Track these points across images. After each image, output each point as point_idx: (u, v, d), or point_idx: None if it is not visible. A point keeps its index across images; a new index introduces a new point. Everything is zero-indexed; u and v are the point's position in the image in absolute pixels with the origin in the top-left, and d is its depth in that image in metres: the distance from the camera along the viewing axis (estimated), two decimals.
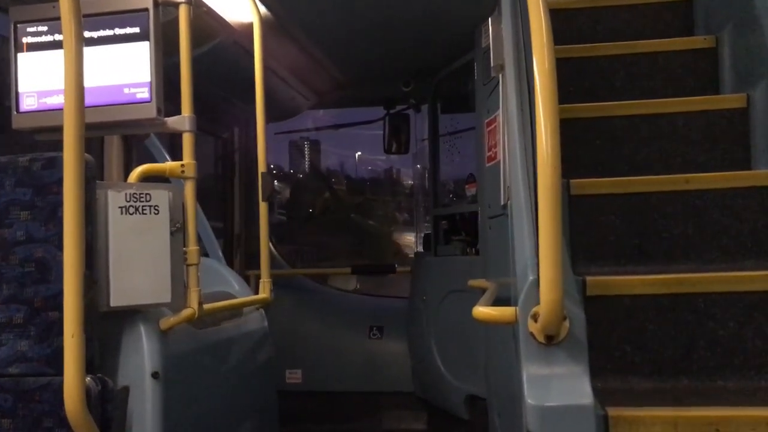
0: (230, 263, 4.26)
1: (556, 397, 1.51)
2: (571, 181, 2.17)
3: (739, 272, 1.94)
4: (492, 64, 2.52)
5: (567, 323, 1.56)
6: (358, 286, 5.34)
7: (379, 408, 4.42)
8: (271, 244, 4.84)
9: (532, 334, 1.57)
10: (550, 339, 1.55)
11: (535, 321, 1.55)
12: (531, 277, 1.61)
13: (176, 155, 2.35)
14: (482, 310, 1.80)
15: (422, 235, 4.95)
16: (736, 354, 1.86)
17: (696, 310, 1.89)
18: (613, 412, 1.61)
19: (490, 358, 2.87)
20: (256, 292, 3.01)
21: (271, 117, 3.99)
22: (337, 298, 5.00)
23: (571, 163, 2.19)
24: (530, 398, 1.51)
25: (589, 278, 1.91)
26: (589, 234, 2.16)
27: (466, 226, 3.81)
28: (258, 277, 3.01)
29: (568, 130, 2.36)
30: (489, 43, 2.67)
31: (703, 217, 2.12)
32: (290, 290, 4.71)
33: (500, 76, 2.42)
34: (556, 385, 1.53)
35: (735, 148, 2.38)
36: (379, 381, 4.49)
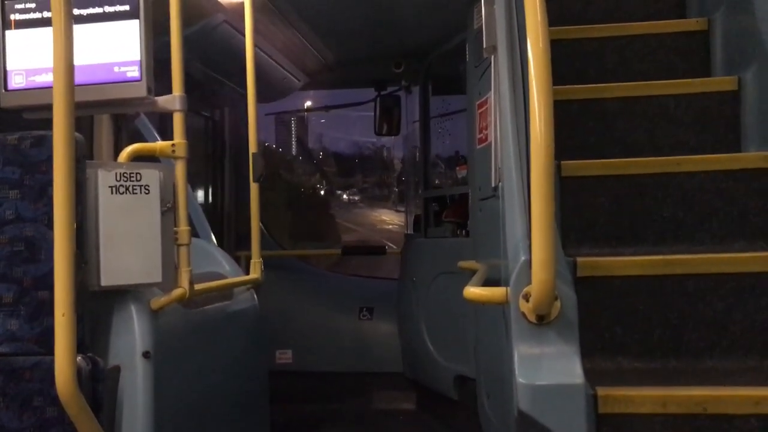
0: (220, 244, 4.25)
1: (546, 376, 1.52)
2: (562, 162, 2.17)
3: (728, 254, 1.96)
4: (484, 45, 2.51)
5: (558, 303, 1.56)
6: None
7: (369, 388, 4.45)
8: (261, 225, 4.84)
9: (523, 313, 1.58)
10: (542, 319, 1.56)
11: (527, 301, 1.56)
12: (523, 257, 1.61)
13: (166, 136, 2.33)
14: (473, 291, 1.81)
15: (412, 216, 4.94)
16: (725, 335, 1.88)
17: (685, 291, 1.90)
18: (602, 391, 1.63)
19: (479, 338, 2.89)
20: (247, 273, 3.01)
21: (261, 97, 3.96)
22: (327, 278, 5.01)
23: (561, 144, 2.18)
24: (521, 377, 1.52)
25: (579, 259, 1.92)
26: (579, 216, 2.16)
27: (456, 208, 3.81)
28: (249, 258, 3.00)
29: (559, 112, 2.34)
30: (481, 24, 2.65)
31: (694, 199, 2.13)
32: (281, 271, 4.71)
33: (492, 57, 2.41)
34: (547, 364, 1.54)
35: (726, 130, 2.38)
36: (369, 361, 4.51)
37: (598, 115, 2.43)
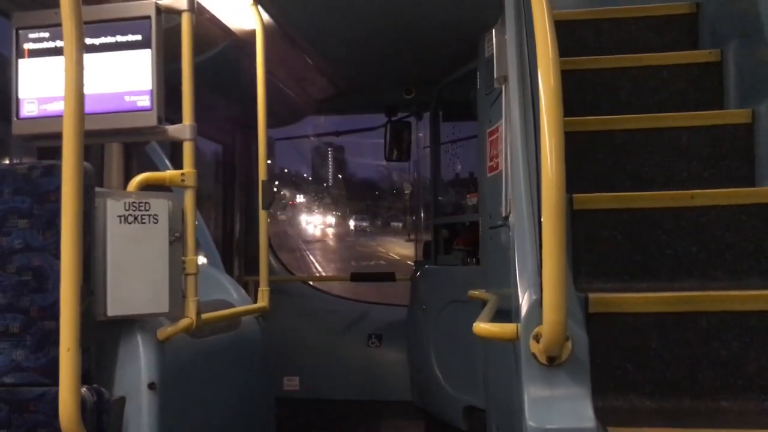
0: (229, 269, 4.24)
1: (557, 419, 1.49)
2: (574, 195, 2.15)
3: (743, 291, 1.92)
4: (495, 76, 2.50)
5: (569, 344, 1.53)
6: None
7: (377, 417, 4.40)
8: (271, 251, 4.83)
9: (533, 354, 1.55)
10: (552, 360, 1.53)
11: (537, 341, 1.53)
12: (534, 297, 1.58)
13: (178, 159, 2.33)
14: (483, 327, 1.78)
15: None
16: (740, 374, 1.83)
17: (699, 329, 1.87)
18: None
19: (489, 369, 2.85)
20: (255, 300, 2.99)
21: (272, 123, 3.97)
22: (336, 305, 4.99)
23: (573, 177, 2.16)
24: (531, 420, 1.49)
25: (591, 295, 1.89)
26: (591, 250, 2.14)
27: (466, 235, 3.80)
28: (257, 284, 2.99)
29: (571, 144, 2.32)
30: (492, 53, 2.65)
31: (708, 234, 2.10)
32: (289, 296, 4.69)
33: (503, 86, 2.40)
34: (558, 407, 1.51)
35: (739, 163, 2.36)
36: (378, 389, 4.47)
37: (610, 147, 2.41)
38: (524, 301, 1.62)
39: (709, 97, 2.61)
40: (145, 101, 2.13)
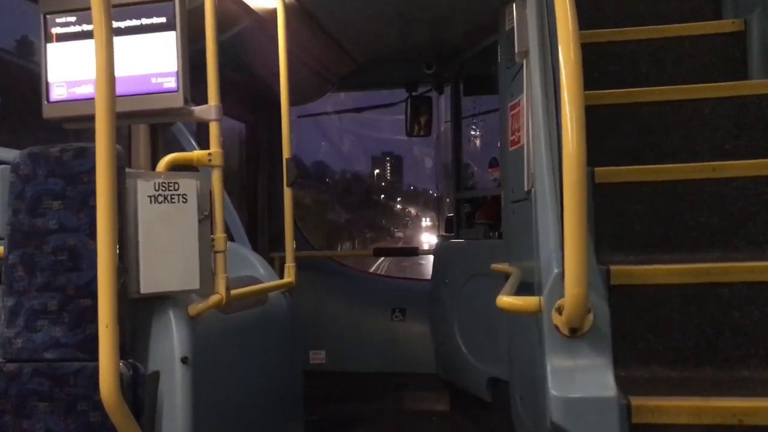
0: (254, 245, 4.30)
1: (579, 389, 1.53)
2: (596, 169, 2.16)
3: (765, 262, 1.93)
4: (516, 50, 2.50)
5: (591, 316, 1.56)
6: None
7: (402, 389, 4.47)
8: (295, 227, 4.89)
9: (556, 326, 1.58)
10: (574, 331, 1.56)
11: (560, 314, 1.56)
12: (556, 270, 1.61)
13: (203, 139, 2.37)
14: (506, 300, 1.81)
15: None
16: (762, 344, 1.85)
17: (721, 299, 1.88)
18: (636, 401, 1.62)
19: (512, 341, 2.89)
20: (281, 275, 3.05)
21: (294, 100, 4.01)
22: (360, 280, 5.04)
23: (595, 150, 2.18)
24: (554, 390, 1.53)
25: (613, 267, 1.91)
26: (613, 222, 2.15)
27: (488, 209, 3.82)
28: (282, 260, 3.04)
29: (593, 117, 2.33)
30: (513, 26, 2.65)
31: (730, 205, 2.11)
32: (314, 272, 4.75)
33: (524, 60, 2.40)
34: (580, 377, 1.55)
35: (763, 135, 2.35)
36: (402, 362, 4.53)
37: (632, 120, 2.41)
38: (546, 275, 1.65)
39: (733, 67, 2.59)
40: (171, 83, 2.17)
